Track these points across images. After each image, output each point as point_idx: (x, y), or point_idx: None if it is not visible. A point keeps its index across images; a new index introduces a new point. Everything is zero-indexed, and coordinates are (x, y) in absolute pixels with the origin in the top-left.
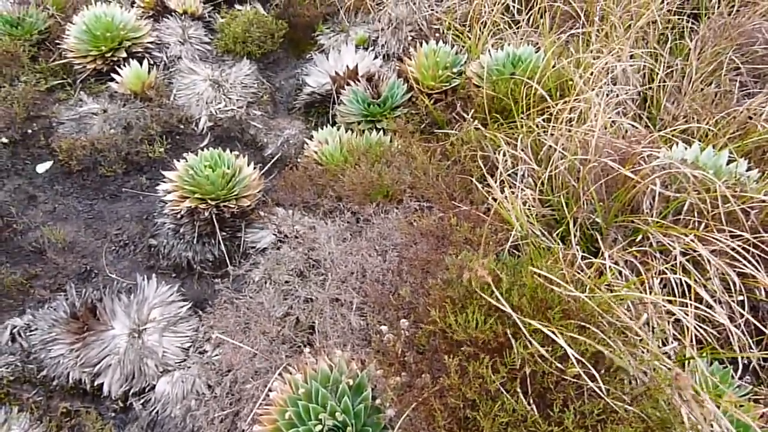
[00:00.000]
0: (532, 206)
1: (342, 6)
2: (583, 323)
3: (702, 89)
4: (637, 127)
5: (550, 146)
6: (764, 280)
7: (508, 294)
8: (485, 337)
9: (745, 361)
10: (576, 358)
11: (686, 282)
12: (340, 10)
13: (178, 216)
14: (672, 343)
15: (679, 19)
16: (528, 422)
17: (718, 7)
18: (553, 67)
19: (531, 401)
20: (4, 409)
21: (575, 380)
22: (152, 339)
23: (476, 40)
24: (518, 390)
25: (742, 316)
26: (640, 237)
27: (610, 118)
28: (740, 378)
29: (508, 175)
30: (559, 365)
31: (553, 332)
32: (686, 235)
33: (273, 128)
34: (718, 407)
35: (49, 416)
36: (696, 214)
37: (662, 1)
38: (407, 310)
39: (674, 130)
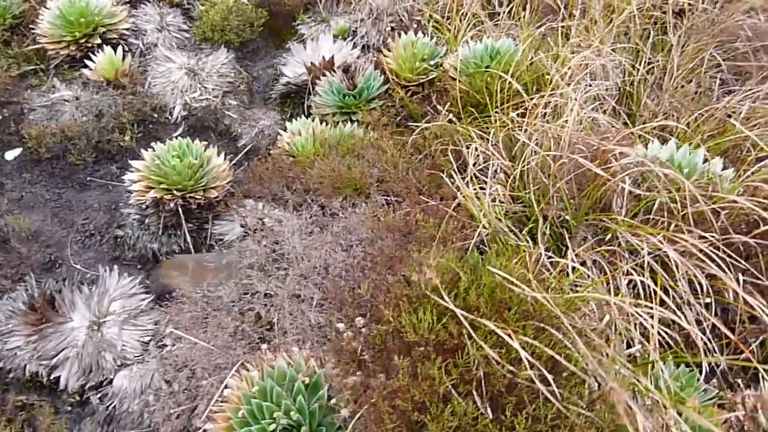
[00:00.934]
0: (502, 202)
1: None
2: (542, 325)
3: (682, 86)
4: (613, 124)
5: (524, 142)
6: (732, 282)
7: (466, 293)
8: (439, 338)
9: (714, 365)
10: (530, 361)
11: (652, 284)
12: None
13: (144, 207)
14: (637, 345)
15: (663, 13)
16: (479, 426)
17: (703, 3)
18: (530, 61)
19: (484, 405)
20: None
21: (530, 384)
22: (111, 332)
23: (455, 31)
24: (473, 392)
25: (709, 319)
26: (609, 236)
27: (586, 113)
28: (707, 382)
29: (480, 170)
30: (511, 368)
31: (509, 334)
32: (654, 235)
33: (248, 118)
34: (680, 414)
35: (1, 409)
36: (666, 214)
37: None
38: (366, 308)
39: (652, 126)
